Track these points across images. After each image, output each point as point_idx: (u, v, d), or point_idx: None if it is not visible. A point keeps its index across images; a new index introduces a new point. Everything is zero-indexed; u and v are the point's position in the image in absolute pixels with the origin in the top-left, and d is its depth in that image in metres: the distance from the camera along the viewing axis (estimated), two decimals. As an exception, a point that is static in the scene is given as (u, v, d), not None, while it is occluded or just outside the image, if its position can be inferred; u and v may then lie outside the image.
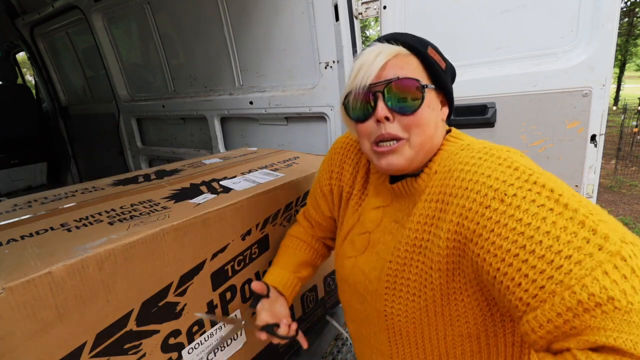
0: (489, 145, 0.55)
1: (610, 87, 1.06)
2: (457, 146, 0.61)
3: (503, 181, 0.46)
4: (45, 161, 3.75)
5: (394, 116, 0.59)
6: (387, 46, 0.61)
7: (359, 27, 1.44)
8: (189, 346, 0.82)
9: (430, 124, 0.60)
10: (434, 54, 0.63)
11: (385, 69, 0.59)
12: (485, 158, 0.51)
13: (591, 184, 1.12)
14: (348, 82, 0.63)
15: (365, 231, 0.73)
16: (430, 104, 0.60)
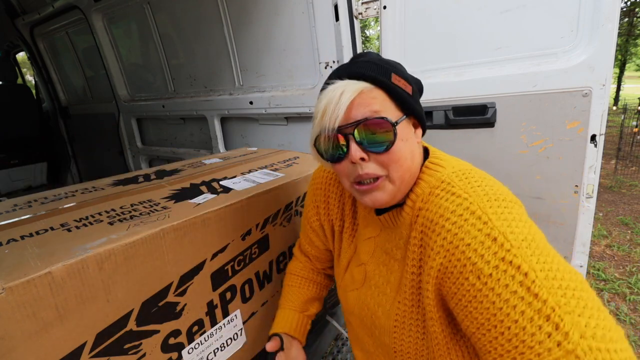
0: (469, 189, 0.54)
1: (610, 87, 1.06)
2: (438, 179, 0.59)
3: (481, 255, 0.47)
4: (45, 161, 3.75)
5: (369, 155, 0.58)
6: (350, 83, 0.58)
7: (359, 27, 1.44)
8: (189, 346, 0.82)
9: (406, 156, 0.59)
10: (398, 80, 0.60)
11: (352, 109, 0.57)
12: (466, 217, 0.50)
13: (591, 184, 1.12)
14: (315, 122, 0.61)
15: (361, 263, 0.74)
16: (403, 137, 0.59)
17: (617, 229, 3.76)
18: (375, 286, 0.69)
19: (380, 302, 0.68)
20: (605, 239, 3.59)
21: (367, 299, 0.71)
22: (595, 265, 3.11)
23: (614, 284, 2.84)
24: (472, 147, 1.26)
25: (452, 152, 1.28)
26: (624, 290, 2.76)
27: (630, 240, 3.53)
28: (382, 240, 0.70)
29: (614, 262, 3.18)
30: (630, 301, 2.64)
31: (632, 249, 3.36)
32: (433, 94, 1.28)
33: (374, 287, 0.70)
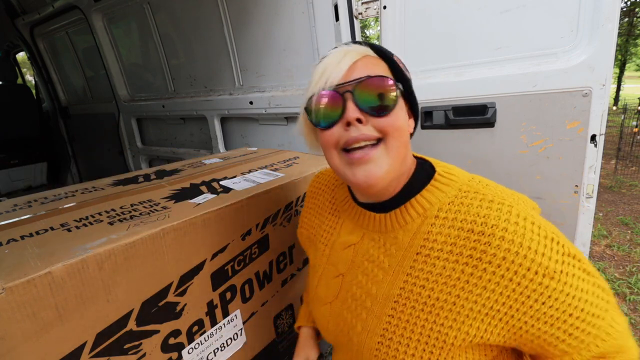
0: (504, 196, 0.53)
1: (610, 87, 1.06)
2: (457, 189, 0.56)
3: (549, 257, 0.48)
4: (45, 161, 3.75)
5: (366, 118, 0.52)
6: (355, 46, 0.57)
7: (359, 27, 1.44)
8: (189, 346, 0.82)
9: (404, 127, 0.55)
10: (400, 62, 0.60)
11: (355, 69, 0.54)
12: (524, 225, 0.49)
13: (591, 184, 1.12)
14: (310, 85, 0.56)
15: (338, 274, 0.68)
16: (402, 107, 0.56)
17: (617, 229, 3.76)
18: (352, 298, 0.63)
19: (360, 316, 0.61)
20: (605, 239, 3.59)
21: (343, 313, 0.65)
22: (595, 265, 3.11)
23: (614, 284, 2.84)
24: (472, 147, 1.26)
25: (452, 152, 1.29)
26: (624, 290, 2.76)
27: (630, 240, 3.53)
28: (364, 247, 0.64)
29: (614, 262, 3.18)
30: (630, 301, 2.64)
31: (632, 249, 3.36)
32: (433, 94, 1.28)
33: (351, 300, 0.64)
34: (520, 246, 0.48)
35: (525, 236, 0.48)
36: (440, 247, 0.54)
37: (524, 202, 0.54)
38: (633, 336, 0.53)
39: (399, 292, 0.57)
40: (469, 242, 0.51)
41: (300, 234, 0.83)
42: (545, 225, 0.51)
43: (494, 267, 0.49)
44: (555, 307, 0.48)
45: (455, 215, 0.54)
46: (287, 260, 1.08)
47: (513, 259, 0.48)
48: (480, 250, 0.50)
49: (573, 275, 0.49)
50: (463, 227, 0.52)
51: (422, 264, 0.55)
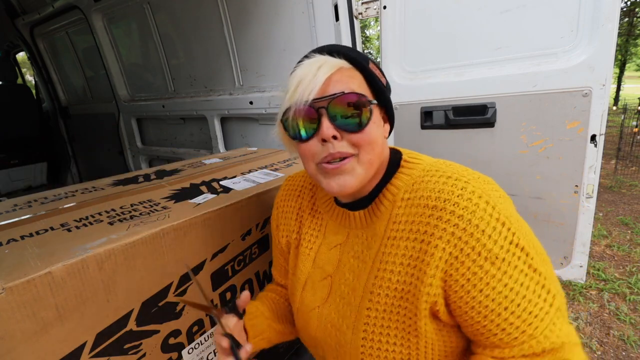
0: (463, 173, 0.53)
1: (610, 87, 1.06)
2: (421, 170, 0.57)
3: (495, 241, 0.48)
4: (45, 161, 3.75)
5: (341, 134, 0.54)
6: (329, 59, 0.57)
7: (359, 27, 1.44)
8: (189, 346, 0.82)
9: (378, 140, 0.56)
10: (375, 68, 0.60)
11: (329, 84, 0.54)
12: (476, 202, 0.49)
13: (591, 184, 1.12)
14: (286, 95, 0.57)
15: (326, 276, 0.66)
16: (375, 120, 0.57)
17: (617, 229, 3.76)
18: (340, 297, 0.63)
19: (345, 314, 0.61)
20: (605, 239, 3.59)
21: (331, 315, 0.64)
22: (595, 265, 3.11)
23: (614, 284, 2.84)
24: (472, 147, 1.26)
25: (452, 152, 1.30)
26: (624, 290, 2.76)
27: (630, 240, 3.53)
28: (350, 245, 0.64)
29: (614, 262, 3.18)
30: (630, 301, 2.64)
31: (632, 249, 3.36)
32: (433, 94, 1.28)
33: (339, 299, 0.63)
34: (468, 223, 0.48)
35: (476, 214, 0.48)
36: (403, 227, 0.55)
37: (484, 182, 0.52)
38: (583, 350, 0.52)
39: (373, 282, 0.57)
40: (424, 218, 0.52)
41: (278, 242, 0.78)
42: (504, 209, 0.50)
43: (443, 242, 0.49)
44: (490, 297, 0.48)
45: (416, 194, 0.54)
46: (287, 260, 1.08)
47: (460, 235, 0.48)
48: (432, 225, 0.50)
49: (515, 267, 0.48)
50: (420, 204, 0.53)
51: (390, 248, 0.56)
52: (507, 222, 0.49)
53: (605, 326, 2.42)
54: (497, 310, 0.48)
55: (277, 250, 0.80)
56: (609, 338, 2.31)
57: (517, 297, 0.48)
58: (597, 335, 2.35)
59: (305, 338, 0.72)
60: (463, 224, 0.48)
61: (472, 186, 0.50)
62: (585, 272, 1.21)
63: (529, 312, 0.48)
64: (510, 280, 0.48)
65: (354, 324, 0.59)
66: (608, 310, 2.57)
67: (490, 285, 0.48)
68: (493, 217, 0.48)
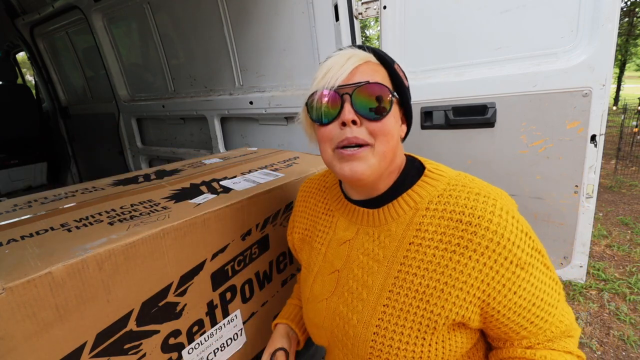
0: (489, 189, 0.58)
1: (610, 87, 1.06)
2: (446, 183, 0.61)
3: (522, 249, 0.55)
4: (45, 161, 3.75)
5: (360, 121, 0.57)
6: (358, 52, 0.61)
7: (359, 27, 1.44)
8: (189, 346, 0.82)
9: (394, 134, 0.59)
10: (400, 70, 0.64)
11: (356, 74, 0.58)
12: (505, 217, 0.55)
13: (591, 184, 1.12)
14: (314, 82, 0.61)
15: (334, 270, 0.70)
16: (395, 115, 0.60)
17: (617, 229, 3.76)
18: (349, 292, 0.66)
19: (356, 309, 0.64)
20: (605, 239, 3.59)
21: (339, 307, 0.67)
22: (595, 265, 3.11)
23: (614, 284, 2.84)
24: (472, 147, 1.26)
25: (452, 152, 1.30)
26: (624, 290, 2.76)
27: (630, 240, 3.53)
28: (359, 242, 0.67)
29: (614, 262, 3.18)
30: (630, 301, 2.64)
31: (632, 249, 3.36)
32: (433, 94, 1.28)
33: (347, 294, 0.66)
34: (501, 237, 0.54)
35: (507, 228, 0.54)
36: (431, 237, 0.58)
37: (505, 197, 0.59)
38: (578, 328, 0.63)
39: (393, 282, 0.61)
40: (457, 231, 0.56)
41: (292, 238, 0.85)
42: (522, 220, 0.57)
43: (478, 254, 0.54)
44: (523, 297, 0.55)
45: (444, 207, 0.58)
46: (287, 260, 1.08)
47: (494, 247, 0.53)
48: (467, 239, 0.55)
49: (537, 267, 0.56)
50: (452, 217, 0.57)
51: (414, 253, 0.59)
52: (528, 230, 0.56)
53: (605, 326, 2.42)
54: (528, 307, 0.56)
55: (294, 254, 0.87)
56: (609, 338, 2.31)
57: (541, 293, 0.56)
58: (597, 335, 2.35)
59: (314, 330, 0.75)
60: (497, 238, 0.53)
61: (499, 203, 0.56)
62: (585, 272, 1.21)
63: (548, 303, 0.57)
64: (535, 279, 0.55)
65: (367, 318, 0.62)
66: (608, 310, 2.57)
67: (522, 287, 0.55)
68: (518, 229, 0.55)
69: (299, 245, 0.83)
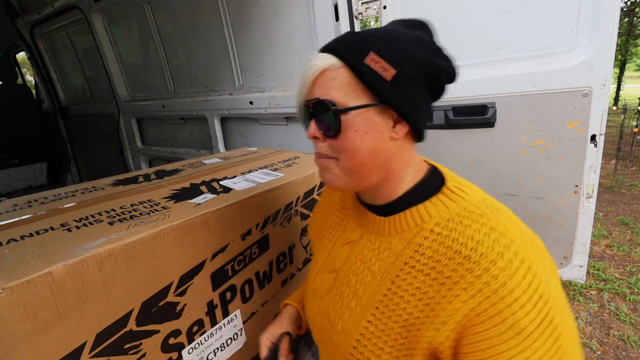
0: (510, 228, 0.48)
1: (610, 87, 1.06)
2: (462, 208, 0.53)
3: (527, 313, 0.43)
4: (45, 161, 3.75)
5: (323, 137, 0.56)
6: (321, 58, 0.55)
7: (359, 27, 1.43)
8: (189, 346, 0.82)
9: (359, 149, 0.53)
10: (377, 60, 0.51)
11: (315, 86, 0.55)
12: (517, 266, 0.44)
13: (591, 184, 1.12)
14: None
15: (333, 269, 0.69)
16: (358, 128, 0.52)
17: (617, 229, 3.76)
18: (340, 297, 0.64)
19: (342, 316, 0.61)
20: (605, 239, 3.60)
21: (329, 310, 0.65)
22: (595, 265, 3.11)
23: (614, 284, 2.84)
24: (472, 147, 1.26)
25: (452, 152, 1.29)
26: (624, 290, 2.76)
27: (630, 240, 3.54)
28: (360, 247, 0.64)
29: (614, 262, 3.18)
30: (630, 301, 2.64)
31: (632, 249, 3.37)
32: (433, 94, 1.28)
33: (339, 298, 0.64)
34: (503, 286, 0.43)
35: (513, 278, 0.43)
36: (425, 262, 0.52)
37: (532, 244, 0.48)
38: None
39: (380, 299, 0.56)
40: (452, 263, 0.48)
41: (310, 227, 0.85)
42: (546, 279, 0.45)
43: (468, 295, 0.45)
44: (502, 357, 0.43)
45: (449, 233, 0.51)
46: (287, 260, 1.08)
47: (489, 294, 0.44)
48: (460, 274, 0.47)
49: (542, 344, 0.43)
50: (452, 247, 0.50)
51: (406, 275, 0.54)
52: (546, 294, 0.44)
53: (605, 326, 2.42)
54: None
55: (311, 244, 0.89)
56: (609, 338, 2.31)
57: None
58: (597, 335, 2.35)
59: (308, 319, 0.75)
60: (495, 285, 0.44)
61: (515, 246, 0.46)
62: (585, 272, 1.21)
63: None
64: (530, 353, 0.43)
65: (350, 328, 0.59)
66: (608, 310, 2.57)
67: (509, 354, 0.43)
68: (532, 287, 0.43)
69: (314, 237, 0.83)
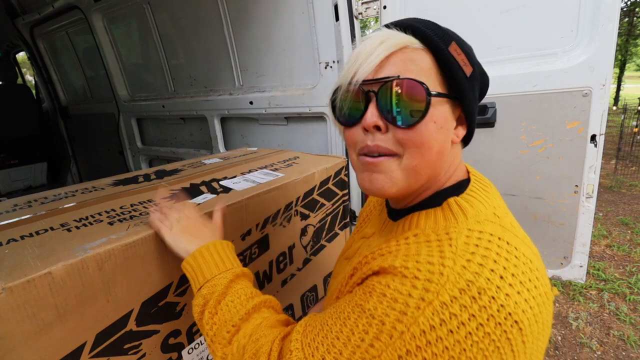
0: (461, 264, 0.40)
1: (610, 87, 1.06)
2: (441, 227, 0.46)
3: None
4: (45, 161, 3.75)
5: (387, 126, 0.46)
6: (395, 34, 0.47)
7: (359, 27, 1.43)
8: (189, 346, 0.82)
9: (432, 145, 0.46)
10: (459, 52, 0.49)
11: (386, 65, 0.46)
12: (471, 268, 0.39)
13: (591, 184, 1.12)
14: (340, 74, 0.51)
15: (346, 257, 0.69)
16: (437, 119, 0.46)
17: (617, 229, 3.76)
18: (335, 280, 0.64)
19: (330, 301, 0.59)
20: (605, 239, 3.60)
21: (332, 288, 0.63)
22: (595, 265, 3.11)
23: (614, 284, 2.84)
24: (472, 147, 1.25)
25: (452, 152, 1.29)
26: (624, 290, 2.76)
27: (630, 240, 3.54)
28: (368, 243, 0.62)
29: (614, 262, 3.18)
30: (630, 301, 2.64)
31: (632, 249, 3.37)
32: (433, 94, 1.28)
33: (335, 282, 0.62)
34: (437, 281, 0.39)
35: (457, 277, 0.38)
36: None
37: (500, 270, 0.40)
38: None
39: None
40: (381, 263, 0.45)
41: (360, 214, 0.84)
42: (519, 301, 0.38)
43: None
44: None
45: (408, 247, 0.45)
46: (287, 261, 1.08)
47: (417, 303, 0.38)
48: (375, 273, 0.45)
49: None
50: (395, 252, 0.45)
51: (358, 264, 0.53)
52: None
53: (605, 326, 2.42)
54: None
55: None
56: (609, 338, 2.31)
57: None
58: (597, 335, 2.35)
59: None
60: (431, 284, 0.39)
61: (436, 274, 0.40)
62: (585, 272, 1.21)
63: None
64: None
65: None
66: (608, 310, 2.57)
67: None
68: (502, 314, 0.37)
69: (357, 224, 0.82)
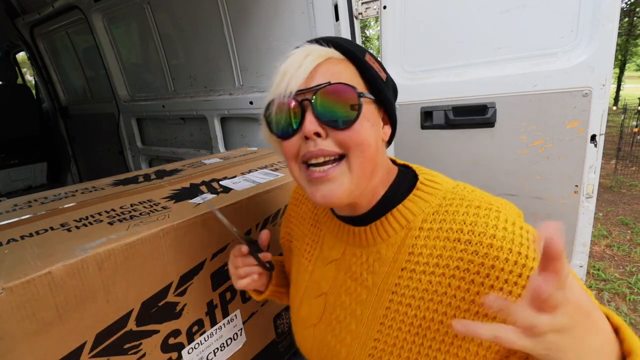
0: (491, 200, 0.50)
1: (610, 87, 1.06)
2: (441, 197, 0.52)
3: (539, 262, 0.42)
4: (45, 161, 3.75)
5: (326, 131, 0.48)
6: (318, 48, 0.51)
7: (359, 27, 1.43)
8: (189, 346, 0.82)
9: (371, 142, 0.49)
10: (373, 62, 0.53)
11: (316, 75, 0.49)
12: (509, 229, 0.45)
13: (591, 184, 1.12)
14: (270, 90, 0.52)
15: (321, 293, 0.63)
16: (369, 118, 0.50)
17: (617, 229, 3.76)
18: (337, 321, 0.59)
19: (344, 341, 0.57)
20: (605, 239, 3.60)
21: (327, 337, 0.60)
22: (595, 265, 3.11)
23: (614, 284, 2.84)
24: (472, 147, 1.26)
25: (452, 152, 1.30)
26: (624, 290, 2.76)
27: (630, 240, 3.54)
28: (346, 263, 0.59)
29: (614, 262, 3.18)
30: (630, 301, 2.64)
31: (632, 249, 3.37)
32: (433, 94, 1.28)
33: (335, 322, 0.59)
34: (509, 252, 0.43)
35: (515, 241, 0.44)
36: (426, 261, 0.50)
37: (510, 208, 0.50)
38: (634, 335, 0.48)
39: (384, 313, 0.53)
40: (455, 253, 0.47)
41: (282, 244, 0.81)
42: (533, 230, 0.46)
43: (482, 277, 0.44)
44: None
45: (440, 225, 0.50)
46: (287, 260, 1.09)
47: (502, 266, 0.43)
48: (467, 260, 0.46)
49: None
50: (449, 237, 0.48)
51: (407, 281, 0.51)
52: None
53: (605, 326, 2.42)
54: None
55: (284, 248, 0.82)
56: (609, 338, 2.31)
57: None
58: (597, 335, 2.35)
59: (304, 352, 0.69)
60: (504, 254, 0.43)
61: (503, 214, 0.47)
62: (585, 272, 1.21)
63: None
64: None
65: (356, 353, 0.55)
66: (608, 310, 2.57)
67: None
68: (530, 240, 0.44)
69: (286, 255, 0.79)
